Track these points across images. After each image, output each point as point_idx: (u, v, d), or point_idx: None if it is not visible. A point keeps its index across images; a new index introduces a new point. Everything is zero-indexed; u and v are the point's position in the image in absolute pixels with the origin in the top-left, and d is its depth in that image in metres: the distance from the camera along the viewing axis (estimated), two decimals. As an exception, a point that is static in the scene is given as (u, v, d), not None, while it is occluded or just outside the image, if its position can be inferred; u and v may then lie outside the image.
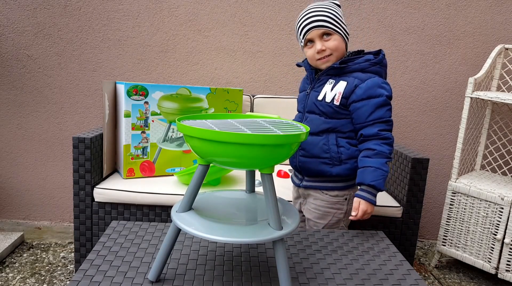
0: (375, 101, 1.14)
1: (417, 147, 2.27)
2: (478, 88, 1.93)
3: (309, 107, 1.25)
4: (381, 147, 1.13)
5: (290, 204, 0.92)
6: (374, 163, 1.12)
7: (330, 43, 1.19)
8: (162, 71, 2.15)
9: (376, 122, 1.14)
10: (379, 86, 1.15)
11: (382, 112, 1.14)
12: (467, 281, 1.91)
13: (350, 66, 1.19)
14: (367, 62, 1.18)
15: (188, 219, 0.79)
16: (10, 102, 2.13)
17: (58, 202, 2.25)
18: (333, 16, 1.19)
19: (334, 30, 1.19)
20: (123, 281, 0.83)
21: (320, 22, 1.18)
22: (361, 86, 1.16)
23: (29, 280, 1.67)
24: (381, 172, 1.11)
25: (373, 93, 1.15)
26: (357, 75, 1.18)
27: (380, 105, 1.14)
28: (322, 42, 1.19)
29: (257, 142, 0.70)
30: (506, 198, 1.72)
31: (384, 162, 1.13)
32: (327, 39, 1.19)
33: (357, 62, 1.19)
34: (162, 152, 1.78)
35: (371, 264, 0.97)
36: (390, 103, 1.16)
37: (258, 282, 0.86)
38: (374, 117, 1.14)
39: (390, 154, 1.14)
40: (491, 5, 2.10)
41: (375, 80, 1.16)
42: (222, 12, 2.11)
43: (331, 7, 1.21)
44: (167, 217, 1.63)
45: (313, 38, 1.20)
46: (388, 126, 1.15)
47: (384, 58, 1.21)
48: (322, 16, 1.18)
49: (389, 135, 1.15)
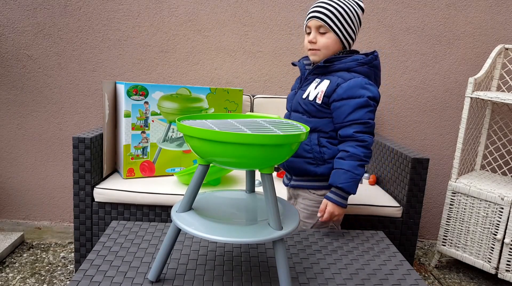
0: (355, 101, 1.12)
1: (417, 147, 2.27)
2: (478, 88, 1.93)
3: (295, 106, 1.25)
4: (355, 149, 1.11)
5: (290, 204, 0.92)
6: (346, 165, 1.10)
7: (322, 39, 1.17)
8: (162, 71, 2.15)
9: (353, 123, 1.12)
10: (362, 87, 1.13)
11: (361, 113, 1.12)
12: (467, 281, 1.91)
13: (336, 65, 1.17)
14: (354, 61, 1.16)
15: (188, 219, 0.79)
16: (10, 102, 2.13)
17: (58, 202, 2.25)
18: (338, 14, 1.15)
19: (330, 28, 1.16)
20: (123, 281, 0.83)
21: (321, 14, 1.16)
22: (343, 85, 1.13)
23: (29, 280, 1.67)
24: (351, 175, 1.10)
25: (354, 93, 1.12)
26: (342, 74, 1.16)
27: (360, 106, 1.11)
28: (316, 35, 1.18)
29: (257, 142, 0.70)
30: (506, 198, 1.72)
31: (356, 165, 1.10)
32: (322, 34, 1.17)
33: (343, 61, 1.17)
34: (162, 152, 1.78)
35: (371, 264, 0.97)
36: (372, 104, 1.13)
37: (258, 282, 0.86)
38: (351, 118, 1.12)
39: (364, 157, 1.11)
40: (491, 5, 2.10)
41: (358, 80, 1.14)
42: (222, 12, 2.11)
43: (347, 5, 1.17)
44: (167, 217, 1.63)
45: (311, 28, 1.19)
46: (366, 128, 1.12)
47: (375, 59, 1.18)
48: (327, 10, 1.15)
49: (365, 138, 1.11)
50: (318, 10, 1.16)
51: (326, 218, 1.13)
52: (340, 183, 1.10)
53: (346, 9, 1.16)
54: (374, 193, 1.75)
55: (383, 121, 2.24)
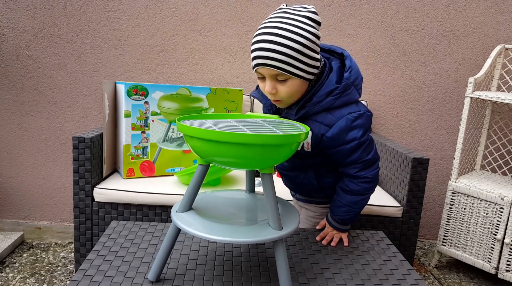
0: (348, 147, 0.99)
1: (417, 147, 2.27)
2: (478, 88, 1.93)
3: None
4: (356, 186, 1.03)
5: (290, 204, 0.92)
6: (344, 199, 1.05)
7: (284, 88, 0.93)
8: (162, 71, 2.15)
9: (352, 164, 1.02)
10: (349, 129, 0.97)
11: (357, 154, 1.00)
12: (467, 281, 1.91)
13: (310, 110, 0.97)
14: (330, 97, 0.95)
15: (188, 219, 0.79)
16: (10, 102, 2.13)
17: (58, 202, 2.25)
18: (294, 53, 0.88)
19: (291, 74, 0.90)
20: (123, 281, 0.83)
21: (273, 61, 0.88)
22: (327, 135, 0.98)
23: (29, 280, 1.67)
24: (348, 209, 1.05)
25: (344, 139, 0.98)
26: (323, 118, 0.98)
27: (354, 149, 0.99)
28: (274, 83, 0.93)
29: (257, 142, 0.70)
30: (506, 198, 1.72)
31: (356, 200, 1.04)
32: (282, 83, 0.93)
33: (317, 101, 0.96)
34: (162, 152, 1.78)
35: (371, 264, 0.97)
36: (367, 140, 1.00)
37: (258, 282, 0.86)
38: (349, 160, 1.02)
39: (366, 192, 1.04)
40: (491, 5, 2.10)
41: (342, 124, 0.97)
42: (222, 12, 2.11)
43: (300, 31, 0.88)
44: (167, 217, 1.63)
45: (264, 74, 0.93)
46: (367, 165, 1.02)
47: (350, 73, 0.97)
48: (279, 53, 0.87)
49: (367, 174, 1.02)
50: (270, 55, 0.88)
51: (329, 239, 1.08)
52: (337, 215, 1.07)
53: (296, 37, 0.88)
54: (374, 193, 1.74)
55: (383, 121, 2.24)
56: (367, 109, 1.02)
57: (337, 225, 1.08)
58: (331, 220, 1.09)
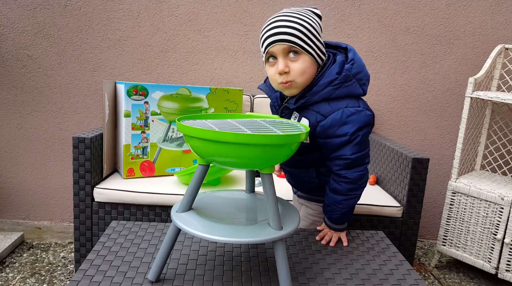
0: (337, 141, 0.98)
1: (417, 147, 2.27)
2: (478, 88, 1.93)
3: None
4: (338, 185, 1.02)
5: (290, 204, 0.92)
6: (328, 198, 1.06)
7: (296, 65, 0.96)
8: (162, 71, 2.15)
9: (335, 159, 1.01)
10: (342, 123, 0.97)
11: (343, 151, 0.99)
12: (467, 281, 1.91)
13: (309, 99, 0.98)
14: (329, 86, 0.97)
15: (188, 219, 0.79)
16: (10, 102, 2.13)
17: (58, 202, 2.25)
18: (305, 30, 0.94)
19: (303, 49, 0.95)
20: (123, 281, 0.83)
21: (286, 35, 0.93)
22: (322, 124, 0.98)
23: (29, 280, 1.67)
24: (335, 208, 1.04)
25: (334, 132, 0.98)
26: (320, 108, 0.99)
27: (342, 144, 0.98)
28: (287, 61, 0.96)
29: (257, 142, 0.70)
30: (506, 198, 1.72)
31: (340, 200, 1.03)
32: (294, 59, 0.96)
33: (316, 91, 0.98)
34: (162, 152, 1.78)
35: (371, 264, 0.97)
36: (358, 136, 0.98)
37: (258, 282, 0.86)
38: (334, 155, 1.01)
39: (350, 191, 1.02)
40: (491, 5, 2.10)
41: (336, 116, 0.97)
42: (222, 12, 2.11)
43: (307, 17, 0.96)
44: (167, 217, 1.63)
45: (276, 54, 0.96)
46: (350, 165, 0.99)
47: (352, 65, 0.98)
48: (291, 28, 0.93)
49: (348, 174, 1.00)
50: (279, 31, 0.94)
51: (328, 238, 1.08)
52: (326, 214, 1.08)
53: (306, 20, 0.96)
54: (374, 193, 1.75)
55: (383, 121, 2.24)
56: (368, 108, 1.01)
57: (331, 224, 1.09)
58: (327, 220, 1.10)
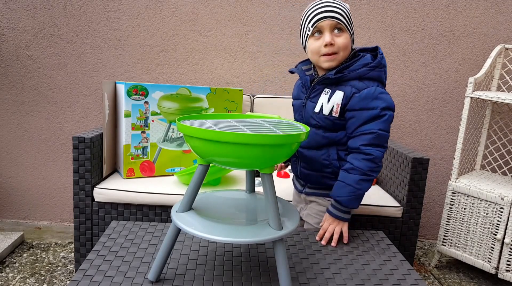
0: (367, 113, 1.06)
1: (417, 147, 2.27)
2: (478, 88, 1.93)
3: (306, 119, 1.19)
4: (359, 162, 1.05)
5: (290, 204, 0.92)
6: (348, 178, 1.06)
7: (341, 39, 1.10)
8: (162, 71, 2.15)
9: (361, 134, 1.07)
10: (375, 97, 1.07)
11: (371, 125, 1.06)
12: (467, 281, 1.91)
13: (347, 75, 1.10)
14: (365, 67, 1.10)
15: (188, 219, 0.79)
16: (10, 102, 2.13)
17: (58, 202, 2.25)
18: (347, 13, 1.13)
19: (346, 27, 1.12)
20: (123, 281, 0.83)
21: (335, 13, 1.10)
22: (356, 95, 1.08)
23: (29, 280, 1.67)
24: (351, 189, 1.05)
25: (367, 105, 1.07)
26: (354, 83, 1.10)
27: (372, 118, 1.06)
28: (332, 36, 1.10)
29: (257, 142, 0.70)
30: (506, 198, 1.72)
31: (358, 179, 1.05)
32: (339, 35, 1.11)
33: (353, 69, 1.10)
34: (162, 152, 1.78)
35: (371, 264, 0.97)
36: (386, 114, 1.07)
37: (258, 282, 0.86)
38: (361, 130, 1.07)
39: (369, 171, 1.05)
40: (491, 5, 2.10)
41: (371, 90, 1.08)
42: (222, 12, 2.11)
43: (345, 5, 1.15)
44: (167, 217, 1.63)
45: (324, 28, 1.10)
46: (375, 140, 1.05)
47: (382, 58, 1.13)
48: (338, 9, 1.11)
49: (372, 151, 1.05)
50: (329, 9, 1.10)
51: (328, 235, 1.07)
52: (339, 196, 1.07)
53: (345, 7, 1.14)
54: (374, 193, 1.75)
55: (383, 121, 2.24)
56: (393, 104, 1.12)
57: (336, 211, 1.08)
58: (332, 208, 1.09)
